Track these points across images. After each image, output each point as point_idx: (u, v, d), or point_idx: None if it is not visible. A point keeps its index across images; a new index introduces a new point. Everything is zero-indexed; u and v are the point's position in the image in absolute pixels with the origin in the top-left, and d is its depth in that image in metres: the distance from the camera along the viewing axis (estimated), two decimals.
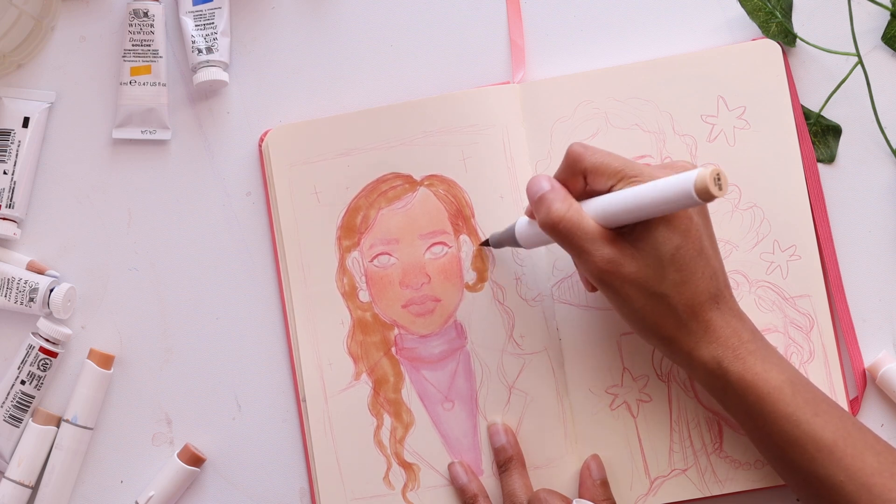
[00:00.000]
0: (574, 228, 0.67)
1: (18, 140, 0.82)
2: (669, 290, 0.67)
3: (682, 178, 0.61)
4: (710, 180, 0.60)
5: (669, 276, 0.66)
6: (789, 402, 0.67)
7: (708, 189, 0.60)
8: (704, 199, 0.60)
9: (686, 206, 0.63)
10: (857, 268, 0.80)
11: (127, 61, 0.82)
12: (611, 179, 0.67)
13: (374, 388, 0.79)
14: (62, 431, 0.80)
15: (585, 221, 0.67)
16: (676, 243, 0.66)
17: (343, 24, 0.83)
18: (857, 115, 0.81)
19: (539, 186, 0.69)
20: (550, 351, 0.78)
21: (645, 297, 0.67)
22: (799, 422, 0.67)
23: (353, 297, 0.80)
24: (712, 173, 0.60)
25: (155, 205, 0.83)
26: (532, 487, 0.76)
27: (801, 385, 0.68)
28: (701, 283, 0.67)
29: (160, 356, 0.82)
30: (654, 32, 0.82)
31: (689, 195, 0.61)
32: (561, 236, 0.67)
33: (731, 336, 0.68)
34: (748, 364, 0.68)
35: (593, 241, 0.67)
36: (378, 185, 0.80)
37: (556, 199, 0.68)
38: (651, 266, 0.66)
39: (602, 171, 0.67)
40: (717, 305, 0.68)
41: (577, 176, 0.69)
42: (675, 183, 0.62)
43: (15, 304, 0.80)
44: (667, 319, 0.68)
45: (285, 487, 0.81)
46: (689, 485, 0.77)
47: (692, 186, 0.60)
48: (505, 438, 0.77)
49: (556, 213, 0.67)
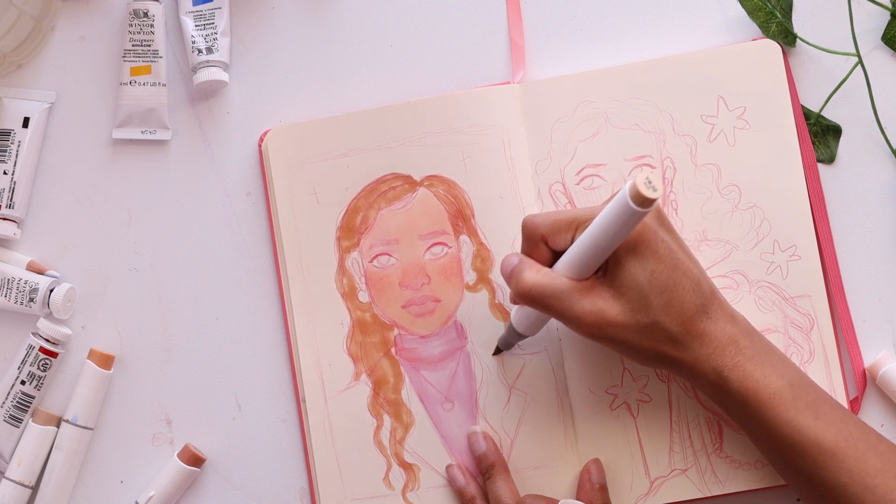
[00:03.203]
0: (547, 290, 0.68)
1: (18, 140, 0.82)
2: (658, 315, 0.67)
3: (618, 197, 0.62)
4: (642, 185, 0.60)
5: (654, 301, 0.67)
6: (789, 407, 0.67)
7: (641, 194, 0.60)
8: (643, 206, 0.61)
9: (636, 220, 0.63)
10: (857, 268, 0.80)
11: (127, 61, 0.82)
12: (568, 232, 0.68)
13: (373, 388, 0.79)
14: (62, 431, 0.80)
15: (557, 281, 0.68)
16: (650, 268, 0.66)
17: (343, 24, 0.83)
18: (857, 115, 0.81)
19: (509, 262, 0.70)
20: (550, 351, 0.78)
21: (639, 333, 0.67)
22: (800, 426, 0.67)
23: (353, 297, 0.80)
24: (641, 178, 0.60)
25: (155, 205, 0.83)
26: (517, 492, 0.76)
27: (802, 387, 0.68)
28: (686, 297, 0.67)
29: (160, 356, 0.82)
30: (654, 32, 0.82)
31: (628, 208, 0.61)
32: (537, 301, 0.68)
33: (728, 344, 0.68)
34: (747, 371, 0.68)
35: (570, 297, 0.67)
36: (378, 185, 0.80)
37: (523, 269, 0.69)
38: (633, 300, 0.67)
39: (557, 227, 0.68)
40: (708, 315, 0.68)
41: (539, 244, 0.69)
42: (614, 204, 0.63)
43: (15, 304, 0.80)
44: (665, 345, 0.68)
45: (285, 487, 0.81)
46: (689, 485, 0.77)
47: (627, 199, 0.61)
48: (485, 445, 0.77)
49: (526, 281, 0.68)
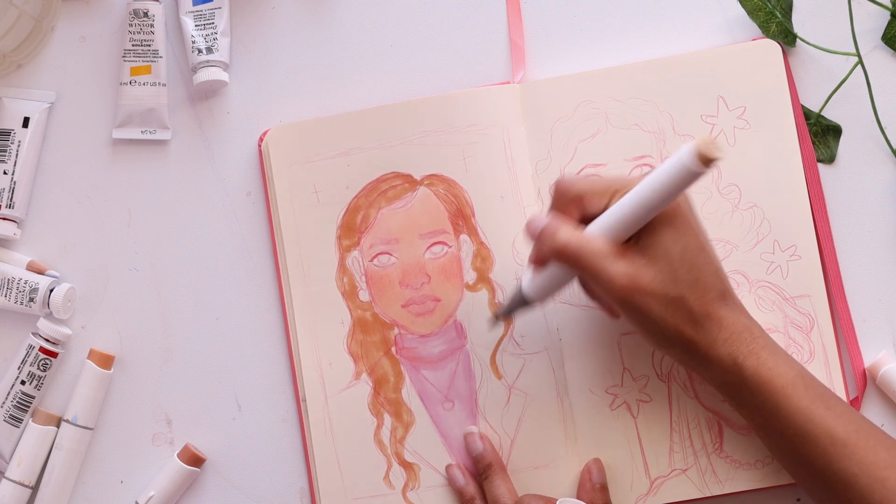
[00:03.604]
0: (584, 249, 0.67)
1: (18, 140, 0.82)
2: (685, 290, 0.67)
3: (678, 156, 0.63)
4: (707, 144, 0.61)
5: (682, 276, 0.67)
6: (803, 397, 0.68)
7: (708, 154, 0.61)
8: (707, 165, 0.61)
9: (691, 181, 0.63)
10: (857, 268, 0.80)
11: (127, 61, 0.82)
12: (604, 197, 0.68)
13: (374, 387, 0.79)
14: (62, 431, 0.80)
15: (593, 241, 0.67)
16: (683, 243, 0.67)
17: (343, 24, 0.83)
18: (857, 115, 0.81)
19: (537, 223, 0.69)
20: (550, 351, 0.78)
21: (664, 305, 0.67)
22: (813, 416, 0.67)
23: (353, 296, 0.80)
24: (705, 139, 0.61)
25: (155, 205, 0.83)
26: (515, 492, 0.76)
27: (811, 380, 0.69)
28: (709, 279, 0.68)
29: (160, 356, 0.82)
30: (654, 32, 0.82)
31: (687, 168, 0.62)
32: (572, 259, 0.67)
33: (743, 331, 0.68)
34: (762, 359, 0.68)
35: (605, 258, 0.67)
36: (378, 184, 0.80)
37: (558, 227, 0.68)
38: (665, 271, 0.67)
39: (594, 190, 0.68)
40: (726, 302, 0.69)
41: (570, 205, 0.69)
42: (672, 163, 0.63)
43: (15, 304, 0.80)
44: (685, 324, 0.68)
45: (285, 487, 0.81)
46: (689, 485, 0.77)
47: (691, 157, 0.61)
48: (482, 446, 0.77)
49: (562, 237, 0.67)
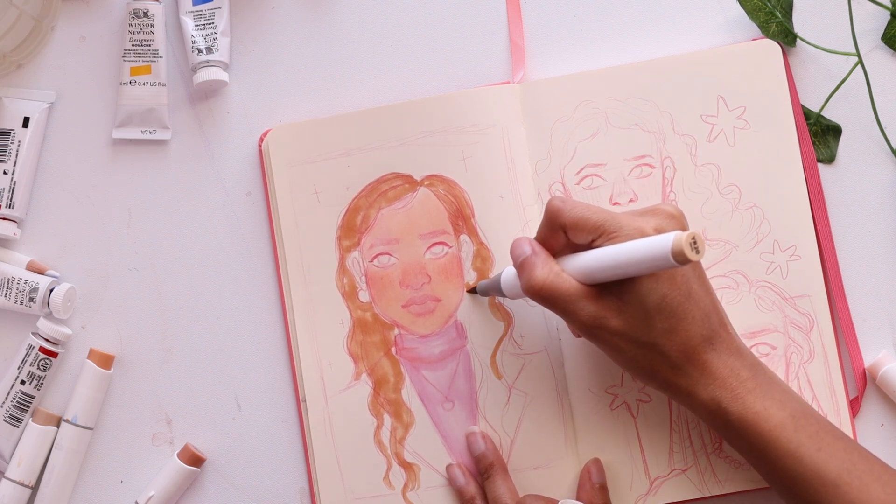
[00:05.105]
0: (556, 292, 0.67)
1: (18, 140, 0.82)
2: (659, 338, 0.67)
3: (659, 242, 0.61)
4: (686, 245, 0.60)
5: (657, 325, 0.66)
6: (791, 439, 0.66)
7: (684, 254, 0.60)
8: (681, 263, 0.60)
9: (664, 269, 0.63)
10: (857, 268, 0.80)
11: (127, 61, 0.82)
12: (591, 234, 0.67)
13: (374, 388, 0.79)
14: (62, 431, 0.80)
15: (566, 284, 0.67)
16: (662, 292, 0.66)
17: (343, 24, 0.83)
18: (857, 115, 0.81)
19: (521, 251, 0.70)
20: (550, 351, 0.78)
21: (635, 347, 0.67)
22: (802, 458, 0.66)
23: (354, 297, 0.80)
24: (688, 238, 0.60)
25: (155, 205, 0.83)
26: (516, 492, 0.76)
27: (804, 418, 0.68)
28: (692, 327, 0.67)
29: (160, 356, 0.82)
30: (654, 32, 0.82)
31: (666, 258, 0.61)
32: (544, 301, 0.68)
33: (729, 376, 0.67)
34: (747, 403, 0.67)
35: (576, 302, 0.67)
36: (378, 184, 0.80)
37: (536, 265, 0.68)
38: (637, 318, 0.66)
39: (581, 226, 0.68)
40: (713, 346, 0.68)
41: (558, 231, 0.69)
42: (651, 246, 0.62)
43: (15, 304, 0.80)
44: (661, 365, 0.68)
45: (285, 487, 0.81)
46: (689, 485, 0.77)
47: (669, 251, 0.60)
48: (484, 445, 0.77)
49: (537, 279, 0.68)
